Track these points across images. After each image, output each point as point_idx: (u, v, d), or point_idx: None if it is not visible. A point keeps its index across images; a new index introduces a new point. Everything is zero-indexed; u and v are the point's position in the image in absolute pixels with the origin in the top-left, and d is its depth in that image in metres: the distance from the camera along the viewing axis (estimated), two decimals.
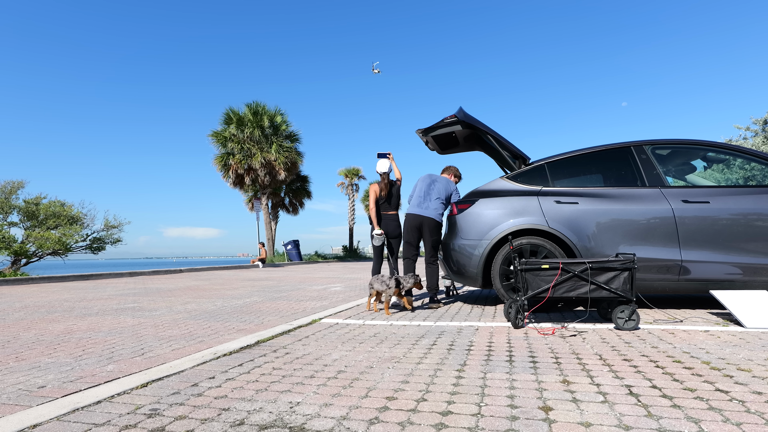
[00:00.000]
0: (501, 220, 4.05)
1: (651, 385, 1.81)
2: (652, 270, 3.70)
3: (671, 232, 3.68)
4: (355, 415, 1.55)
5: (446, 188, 4.58)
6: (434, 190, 4.55)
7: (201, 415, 1.59)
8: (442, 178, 4.65)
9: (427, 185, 4.59)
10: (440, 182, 4.60)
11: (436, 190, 4.55)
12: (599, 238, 3.81)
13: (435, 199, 4.51)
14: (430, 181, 4.61)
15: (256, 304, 5.13)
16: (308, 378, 2.01)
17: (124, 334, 3.34)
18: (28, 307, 5.26)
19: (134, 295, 6.46)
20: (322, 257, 27.66)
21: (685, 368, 2.04)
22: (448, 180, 4.66)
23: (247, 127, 20.94)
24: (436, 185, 4.57)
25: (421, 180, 4.66)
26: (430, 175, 4.68)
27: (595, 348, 2.48)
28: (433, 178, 4.64)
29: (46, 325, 3.88)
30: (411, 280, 4.10)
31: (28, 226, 13.41)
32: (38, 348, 2.92)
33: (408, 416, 1.53)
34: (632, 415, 1.49)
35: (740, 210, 3.60)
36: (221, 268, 15.08)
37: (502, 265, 4.01)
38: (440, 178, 4.66)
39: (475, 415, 1.52)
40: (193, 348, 2.83)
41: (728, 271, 3.57)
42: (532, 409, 1.57)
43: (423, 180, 4.65)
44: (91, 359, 2.56)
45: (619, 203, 3.83)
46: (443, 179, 4.65)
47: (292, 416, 1.55)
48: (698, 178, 4.74)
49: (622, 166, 4.03)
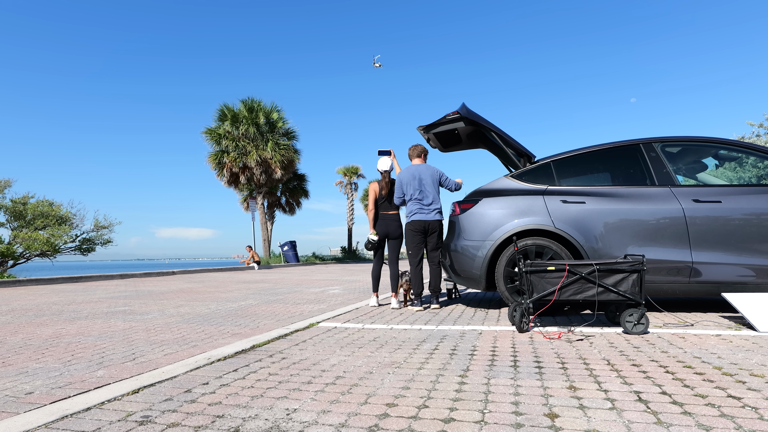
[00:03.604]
0: (505, 221, 4.05)
1: (661, 391, 1.81)
2: (661, 272, 3.70)
3: (682, 232, 3.68)
4: (354, 423, 1.55)
5: (432, 176, 4.52)
6: (425, 185, 4.48)
7: (194, 422, 1.59)
8: (423, 167, 4.55)
9: (417, 185, 4.50)
10: (425, 174, 4.51)
11: (427, 184, 4.48)
12: (607, 238, 3.81)
13: (431, 196, 4.48)
14: (417, 179, 4.51)
15: (252, 308, 5.13)
16: (305, 384, 2.01)
17: (114, 339, 3.34)
18: (15, 310, 5.26)
19: (125, 298, 6.46)
20: (319, 259, 27.66)
21: (696, 374, 2.04)
22: (427, 166, 4.58)
23: (242, 123, 20.94)
24: (424, 180, 4.50)
25: (406, 182, 4.54)
26: (411, 171, 4.55)
27: (603, 353, 2.48)
28: (415, 173, 4.53)
29: (34, 329, 3.88)
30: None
31: (15, 227, 13.41)
32: (26, 353, 2.92)
33: (409, 423, 1.53)
34: (641, 423, 1.49)
35: (753, 210, 3.60)
36: (215, 270, 15.08)
37: (507, 266, 4.01)
38: (420, 168, 4.55)
39: (479, 423, 1.52)
40: (187, 353, 2.83)
41: (741, 273, 3.57)
42: (537, 416, 1.57)
43: (408, 181, 4.53)
44: (81, 364, 2.56)
45: (627, 203, 3.83)
46: (424, 168, 4.55)
47: (288, 423, 1.55)
48: (710, 177, 4.74)
49: (630, 164, 4.03)
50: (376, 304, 4.76)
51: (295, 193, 26.61)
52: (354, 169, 33.12)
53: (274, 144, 21.25)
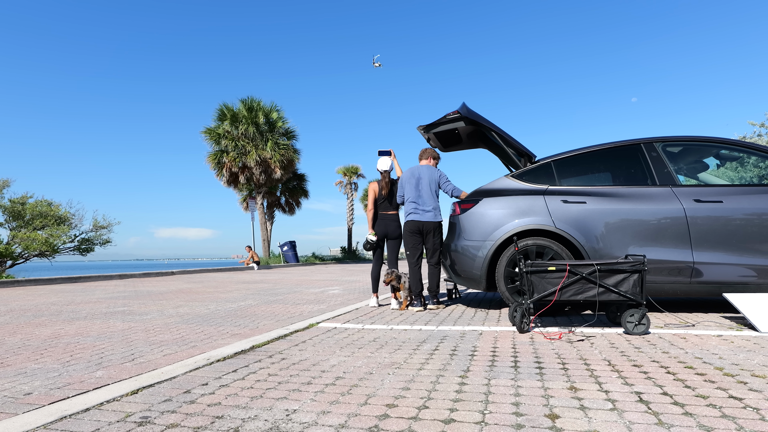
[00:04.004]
0: (506, 221, 4.06)
1: (662, 391, 1.81)
2: (663, 272, 3.70)
3: (683, 232, 3.68)
4: (354, 423, 1.55)
5: (431, 178, 4.53)
6: (422, 186, 4.51)
7: (194, 423, 1.59)
8: (424, 168, 4.59)
9: (414, 185, 4.53)
10: (424, 175, 4.54)
11: (424, 185, 4.51)
12: (608, 239, 3.81)
13: (427, 196, 4.49)
14: (415, 179, 4.55)
15: (251, 308, 5.13)
16: (305, 384, 2.02)
17: (113, 339, 3.34)
18: (14, 310, 5.27)
19: (124, 299, 6.46)
20: (319, 259, 27.67)
21: (698, 374, 2.05)
22: (429, 167, 4.61)
23: (242, 123, 20.95)
24: (422, 181, 4.53)
25: (405, 181, 4.59)
26: (412, 171, 4.60)
27: (604, 353, 2.49)
28: (415, 173, 4.57)
29: (33, 329, 3.88)
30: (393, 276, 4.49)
31: (14, 227, 13.42)
32: (24, 353, 2.92)
33: (409, 424, 1.53)
34: (642, 423, 1.49)
35: (755, 210, 3.60)
36: (215, 271, 15.09)
37: (507, 267, 4.01)
38: (422, 169, 4.59)
39: (479, 423, 1.52)
40: (186, 353, 2.83)
41: (742, 273, 3.57)
42: (538, 417, 1.57)
43: (407, 181, 4.58)
44: (80, 365, 2.57)
45: (628, 203, 3.83)
46: (425, 169, 4.58)
47: (288, 424, 1.55)
48: (711, 177, 4.75)
49: (631, 164, 4.03)
50: (375, 304, 4.76)
51: (294, 193, 26.62)
52: (354, 169, 33.12)
53: (274, 144, 21.26)
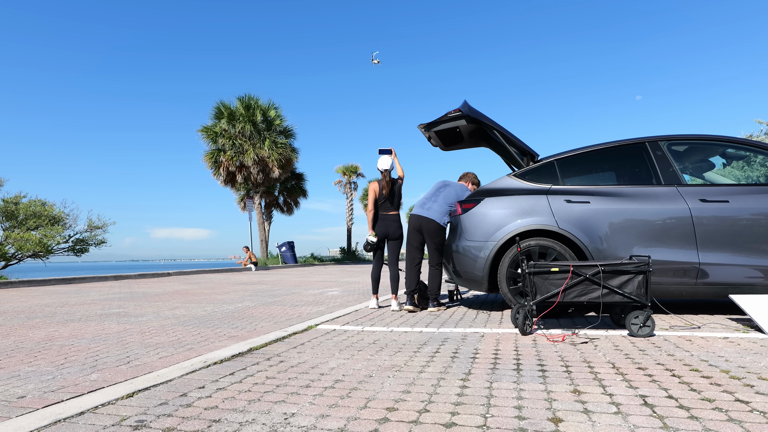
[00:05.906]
0: (508, 221, 4.06)
1: (667, 395, 1.81)
2: (668, 273, 3.70)
3: (688, 233, 3.68)
4: (353, 427, 1.55)
5: (457, 195, 4.63)
6: (443, 194, 4.62)
7: (190, 427, 1.59)
8: (457, 185, 4.71)
9: (437, 188, 4.68)
10: (453, 188, 4.67)
11: (445, 194, 4.62)
12: (612, 239, 3.81)
13: (442, 202, 4.56)
14: (442, 185, 4.70)
15: (249, 310, 5.13)
16: (304, 388, 2.01)
17: (108, 341, 3.34)
18: (7, 312, 5.26)
19: (119, 300, 6.46)
20: (318, 260, 27.67)
21: (703, 377, 2.05)
22: (464, 187, 4.72)
23: (239, 121, 20.94)
24: (446, 189, 4.65)
25: (432, 186, 4.77)
26: (444, 181, 4.76)
27: (608, 356, 2.49)
28: (447, 183, 4.73)
29: (26, 331, 3.88)
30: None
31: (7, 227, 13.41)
32: (17, 356, 2.92)
33: (410, 428, 1.53)
34: (647, 427, 1.49)
35: (762, 210, 3.60)
36: (212, 271, 15.08)
37: (509, 267, 4.01)
38: (455, 184, 4.72)
39: (481, 427, 1.52)
40: (182, 356, 2.83)
41: (749, 274, 3.57)
42: (540, 421, 1.57)
43: (434, 185, 4.75)
44: (74, 368, 2.57)
45: (633, 202, 3.83)
46: (458, 186, 4.71)
47: (286, 428, 1.55)
48: (717, 176, 4.74)
49: (636, 163, 4.03)
50: (375, 306, 4.76)
51: (293, 193, 26.62)
52: (353, 168, 33.13)
53: (272, 142, 21.25)
